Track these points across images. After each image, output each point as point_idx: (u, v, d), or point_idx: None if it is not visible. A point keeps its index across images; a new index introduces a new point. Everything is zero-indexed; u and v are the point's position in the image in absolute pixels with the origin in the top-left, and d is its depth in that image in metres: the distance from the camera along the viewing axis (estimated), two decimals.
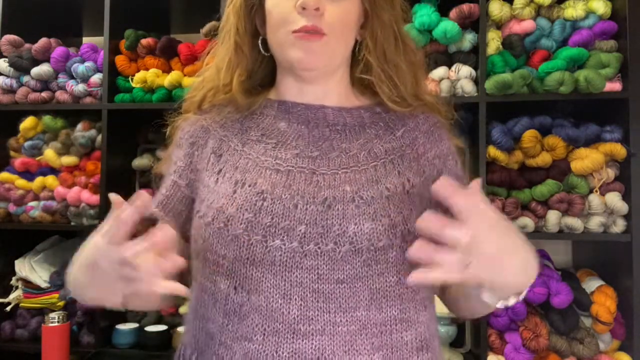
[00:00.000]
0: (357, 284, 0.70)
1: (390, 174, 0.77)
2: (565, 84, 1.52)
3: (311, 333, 0.69)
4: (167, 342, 1.74)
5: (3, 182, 1.89)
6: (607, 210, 1.56)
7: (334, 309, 0.69)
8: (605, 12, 1.57)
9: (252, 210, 0.71)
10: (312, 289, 0.69)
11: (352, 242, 0.70)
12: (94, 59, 1.86)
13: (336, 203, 0.72)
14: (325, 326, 0.69)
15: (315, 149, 0.78)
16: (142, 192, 0.64)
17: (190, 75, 1.79)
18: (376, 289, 0.71)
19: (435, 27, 1.59)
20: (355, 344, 0.69)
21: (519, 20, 1.61)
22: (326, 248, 0.69)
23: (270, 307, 0.69)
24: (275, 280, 0.70)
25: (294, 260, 0.69)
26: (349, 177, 0.75)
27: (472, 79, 1.61)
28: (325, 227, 0.70)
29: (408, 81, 0.82)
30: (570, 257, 1.90)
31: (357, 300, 0.70)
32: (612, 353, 1.57)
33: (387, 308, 0.71)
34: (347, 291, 0.70)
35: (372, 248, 0.70)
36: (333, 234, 0.70)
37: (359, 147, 0.79)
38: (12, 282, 1.88)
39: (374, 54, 0.80)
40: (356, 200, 0.72)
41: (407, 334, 0.72)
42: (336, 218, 0.71)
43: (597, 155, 1.54)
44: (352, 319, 0.70)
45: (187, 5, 1.96)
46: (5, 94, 1.90)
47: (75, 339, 1.78)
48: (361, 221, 0.71)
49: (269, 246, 0.70)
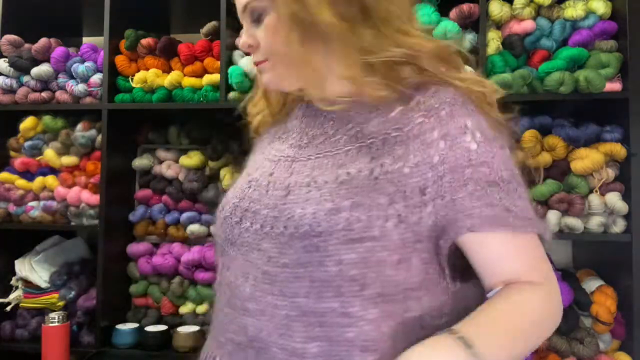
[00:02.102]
0: (299, 270, 0.69)
1: (361, 159, 0.72)
2: (565, 84, 1.52)
3: (255, 312, 0.72)
4: (167, 342, 1.74)
5: (3, 182, 1.89)
6: (607, 210, 1.56)
7: (277, 292, 0.70)
8: (605, 12, 1.57)
9: (239, 196, 0.79)
10: (262, 271, 0.72)
11: (296, 226, 0.69)
12: (94, 59, 1.86)
13: (296, 188, 0.73)
14: (266, 307, 0.71)
15: (306, 138, 0.80)
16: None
17: (190, 76, 1.79)
18: (317, 278, 0.68)
19: (435, 27, 1.59)
20: (291, 330, 0.69)
21: (519, 20, 1.61)
22: (277, 231, 0.71)
23: (234, 284, 0.75)
24: (241, 259, 0.75)
25: (255, 241, 0.73)
26: (318, 163, 0.75)
27: None
28: (281, 211, 0.72)
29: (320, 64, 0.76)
30: (570, 257, 1.90)
31: (298, 287, 0.69)
32: (612, 353, 1.57)
33: (327, 299, 0.68)
34: (289, 276, 0.70)
35: (313, 233, 0.68)
36: (284, 218, 0.71)
37: (344, 132, 0.77)
38: (12, 282, 1.88)
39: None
40: (310, 185, 0.72)
41: (349, 330, 0.68)
42: (291, 203, 0.71)
43: (597, 155, 1.54)
44: (292, 304, 0.69)
45: (187, 5, 1.96)
46: (5, 94, 1.90)
47: (75, 339, 1.78)
48: (307, 205, 0.70)
49: (241, 228, 0.76)
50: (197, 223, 1.84)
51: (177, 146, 1.93)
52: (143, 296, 1.89)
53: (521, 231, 0.71)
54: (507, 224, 0.70)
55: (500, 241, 0.71)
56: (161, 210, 1.89)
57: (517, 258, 0.72)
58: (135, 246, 1.87)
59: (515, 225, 0.70)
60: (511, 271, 0.71)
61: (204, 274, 1.79)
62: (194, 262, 1.80)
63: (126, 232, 1.92)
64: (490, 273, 0.72)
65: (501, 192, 0.70)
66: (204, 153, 1.84)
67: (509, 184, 0.72)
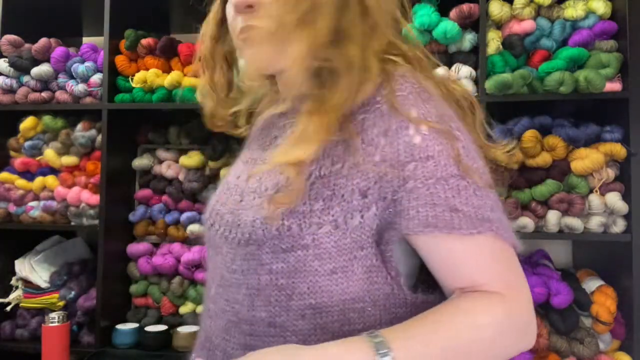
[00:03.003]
0: (239, 277, 0.69)
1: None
2: (565, 84, 1.52)
3: (212, 314, 0.74)
4: (167, 342, 1.74)
5: (3, 182, 1.89)
6: (607, 210, 1.56)
7: (225, 297, 0.71)
8: (605, 12, 1.57)
9: (216, 199, 0.79)
10: (220, 275, 0.73)
11: (242, 234, 0.68)
12: (94, 59, 1.86)
13: (247, 194, 0.71)
14: (218, 311, 0.72)
15: (268, 139, 0.77)
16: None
17: (190, 75, 1.79)
18: (250, 286, 0.68)
19: (435, 27, 1.59)
20: (230, 335, 0.70)
21: (519, 20, 1.61)
22: (231, 236, 0.70)
23: (207, 285, 0.77)
24: (212, 261, 0.76)
25: (219, 245, 0.73)
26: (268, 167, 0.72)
27: (472, 79, 1.61)
28: (235, 216, 0.71)
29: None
30: (570, 257, 1.90)
31: (237, 293, 0.69)
32: (612, 353, 1.57)
33: (257, 308, 0.67)
34: (234, 282, 0.70)
35: (251, 241, 0.67)
36: (236, 224, 0.70)
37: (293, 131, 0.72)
38: (12, 282, 1.88)
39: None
40: (257, 191, 0.69)
41: (275, 339, 0.66)
42: (242, 209, 0.70)
43: (597, 155, 1.54)
44: (233, 310, 0.70)
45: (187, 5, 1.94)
46: (5, 94, 1.90)
47: (75, 339, 1.78)
48: (250, 213, 0.68)
49: (212, 230, 0.75)
50: (197, 223, 1.84)
51: (177, 146, 1.93)
52: (143, 296, 1.89)
53: (471, 233, 0.62)
54: (451, 225, 0.62)
55: (451, 244, 0.63)
56: (161, 210, 1.89)
57: (476, 263, 0.64)
58: (135, 246, 1.87)
59: (463, 227, 0.62)
60: (469, 277, 0.64)
61: (204, 274, 1.79)
62: (194, 262, 1.80)
63: (126, 232, 1.92)
64: (446, 278, 0.66)
65: (448, 190, 0.63)
66: (204, 153, 1.84)
67: (460, 179, 0.64)
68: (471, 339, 0.60)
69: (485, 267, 0.64)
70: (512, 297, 0.63)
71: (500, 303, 0.62)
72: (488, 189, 0.66)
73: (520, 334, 0.64)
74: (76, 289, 1.84)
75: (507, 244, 0.66)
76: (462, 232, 0.62)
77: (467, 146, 0.66)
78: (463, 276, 0.64)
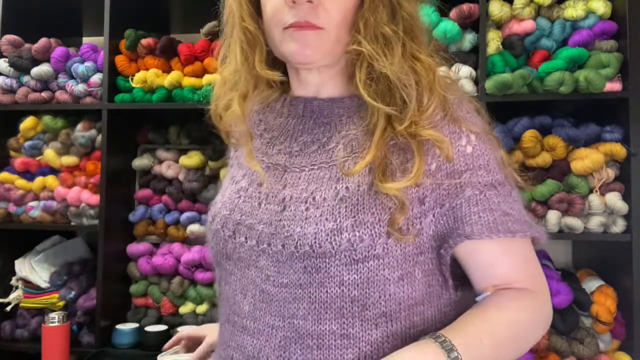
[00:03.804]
0: (297, 290, 0.67)
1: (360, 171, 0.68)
2: (565, 84, 1.52)
3: (254, 331, 0.70)
4: None
5: (3, 182, 1.89)
6: (607, 210, 1.56)
7: (274, 312, 0.69)
8: (605, 12, 1.57)
9: (229, 208, 0.75)
10: (261, 289, 0.70)
11: (297, 246, 0.66)
12: (94, 59, 1.86)
13: (291, 204, 0.69)
14: (264, 328, 0.69)
15: (296, 145, 0.75)
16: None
17: (190, 76, 1.79)
18: (316, 299, 0.66)
19: (435, 27, 1.59)
20: (288, 352, 0.68)
21: (519, 20, 1.61)
22: (275, 249, 0.68)
23: (233, 300, 0.73)
24: (239, 275, 0.73)
25: (252, 258, 0.71)
26: (314, 175, 0.71)
27: (472, 79, 1.61)
28: (277, 227, 0.68)
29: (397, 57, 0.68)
30: (570, 257, 1.90)
31: (296, 308, 0.67)
32: (612, 353, 1.57)
33: (326, 321, 0.66)
34: (288, 296, 0.68)
35: (314, 254, 0.65)
36: (282, 236, 0.68)
37: (338, 140, 0.72)
38: (12, 282, 1.88)
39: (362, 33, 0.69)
40: (308, 202, 0.68)
41: (349, 351, 0.66)
42: (288, 219, 0.68)
43: (597, 155, 1.53)
44: (289, 326, 0.68)
45: (187, 5, 1.95)
46: (5, 94, 1.90)
47: (75, 339, 1.78)
48: (307, 224, 0.66)
49: (236, 242, 0.72)
50: (197, 223, 1.84)
51: (177, 146, 1.93)
52: (143, 296, 1.89)
53: (520, 235, 0.69)
54: (507, 228, 0.68)
55: (497, 246, 0.69)
56: (161, 210, 1.89)
57: (511, 263, 0.70)
58: (135, 246, 1.87)
59: (514, 230, 0.69)
60: (503, 276, 0.70)
61: (204, 274, 1.79)
62: (194, 262, 1.79)
63: (126, 232, 1.92)
64: (482, 277, 0.71)
65: (499, 196, 0.69)
66: (204, 153, 1.84)
67: (504, 187, 0.70)
68: (515, 332, 0.67)
69: (520, 266, 0.71)
70: (541, 294, 0.71)
71: (533, 300, 0.69)
72: (519, 193, 0.73)
73: (546, 324, 0.73)
74: (76, 289, 1.84)
75: (531, 243, 0.73)
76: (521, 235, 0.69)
77: (502, 155, 0.73)
78: (500, 275, 0.70)
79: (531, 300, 0.69)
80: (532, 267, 0.72)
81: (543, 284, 0.72)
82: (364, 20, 0.68)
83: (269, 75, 0.74)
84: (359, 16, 0.69)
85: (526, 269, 0.71)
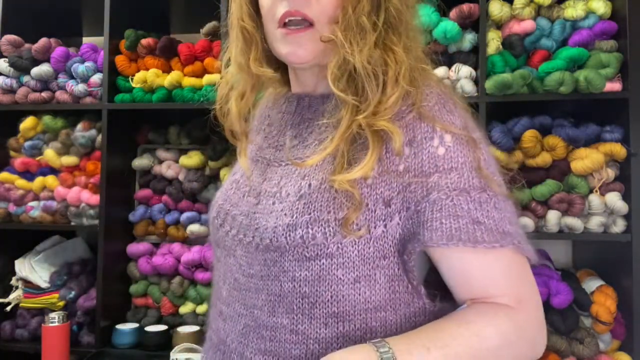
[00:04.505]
0: (259, 282, 0.69)
1: (326, 168, 0.67)
2: (565, 84, 1.52)
3: (226, 316, 0.74)
4: (167, 342, 1.74)
5: (3, 182, 1.89)
6: (607, 210, 1.56)
7: (241, 301, 0.71)
8: (605, 12, 1.57)
9: (223, 198, 0.78)
10: (234, 277, 0.73)
11: (261, 238, 0.68)
12: (94, 59, 1.86)
13: (264, 197, 0.71)
14: (233, 314, 0.72)
15: (282, 139, 0.76)
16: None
17: (190, 76, 1.79)
18: (272, 292, 0.68)
19: (435, 27, 1.59)
20: (247, 339, 0.70)
21: (519, 20, 1.61)
22: (247, 240, 0.70)
23: (217, 285, 0.77)
24: (223, 262, 0.76)
25: (232, 247, 0.73)
26: (288, 170, 0.71)
27: (472, 79, 1.61)
28: (252, 219, 0.70)
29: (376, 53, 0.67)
30: (570, 257, 1.90)
31: (256, 299, 0.69)
32: (612, 353, 1.57)
33: (278, 314, 0.67)
34: (252, 287, 0.70)
35: (272, 247, 0.66)
36: (252, 227, 0.70)
37: (316, 137, 0.72)
38: (12, 282, 1.88)
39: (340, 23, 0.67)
40: (276, 196, 0.69)
41: (296, 347, 0.66)
42: (259, 212, 0.70)
43: (597, 155, 1.53)
44: (250, 315, 0.70)
45: (187, 5, 1.96)
46: (5, 94, 1.90)
47: (75, 339, 1.78)
48: (270, 218, 0.68)
49: (223, 231, 0.75)
50: (197, 223, 1.84)
51: (177, 146, 1.93)
52: (143, 296, 1.89)
53: (494, 247, 0.63)
54: (474, 238, 0.63)
55: (469, 256, 0.64)
56: (161, 210, 1.89)
57: (489, 275, 0.65)
58: (135, 246, 1.87)
59: (484, 240, 0.63)
60: (480, 289, 0.65)
61: (203, 274, 1.79)
62: (194, 262, 1.79)
63: (126, 232, 1.92)
64: (459, 288, 0.67)
65: (471, 202, 0.64)
66: (204, 153, 1.84)
67: (481, 192, 0.64)
68: (474, 348, 0.61)
69: (499, 280, 0.65)
70: (521, 310, 0.64)
71: (506, 315, 0.63)
72: (506, 200, 0.67)
73: (529, 345, 0.65)
74: (76, 289, 1.84)
75: (523, 256, 0.67)
76: (485, 246, 0.63)
77: (487, 157, 0.68)
78: (476, 288, 0.65)
79: (505, 317, 0.63)
80: (515, 282, 0.66)
81: (530, 301, 0.66)
82: (344, 12, 0.67)
83: (261, 73, 0.75)
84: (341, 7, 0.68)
85: (508, 284, 0.65)
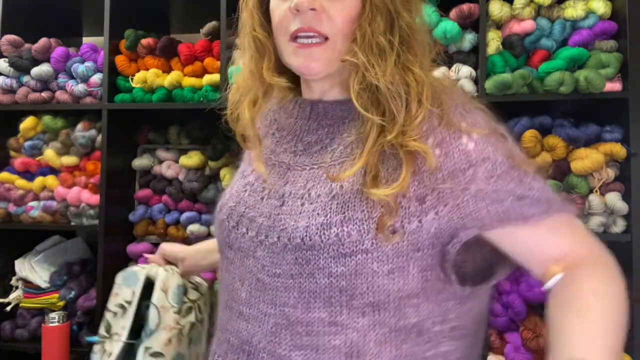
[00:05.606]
0: (288, 280, 0.71)
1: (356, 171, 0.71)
2: (565, 84, 1.52)
3: (248, 317, 0.75)
4: None
5: (3, 182, 1.89)
6: (607, 210, 1.56)
7: (267, 300, 0.73)
8: (605, 12, 1.57)
9: (236, 200, 0.80)
10: (256, 278, 0.74)
11: (290, 238, 0.70)
12: (94, 59, 1.86)
13: (290, 199, 0.73)
14: (258, 314, 0.73)
15: (301, 144, 0.79)
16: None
17: (190, 76, 1.79)
18: (305, 289, 0.70)
19: (435, 27, 1.59)
20: (278, 337, 0.72)
21: (519, 20, 1.61)
22: (271, 241, 0.72)
23: (232, 287, 0.78)
24: (238, 263, 0.77)
25: (250, 248, 0.75)
26: (313, 174, 0.74)
27: (472, 79, 1.61)
28: (275, 220, 0.73)
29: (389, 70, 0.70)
30: None
31: (287, 297, 0.71)
32: None
33: (315, 309, 0.70)
34: (280, 286, 0.71)
35: (304, 246, 0.69)
36: (278, 229, 0.72)
37: (340, 141, 0.75)
38: (12, 282, 1.88)
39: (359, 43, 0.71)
40: (304, 198, 0.72)
41: (336, 337, 0.70)
42: (285, 214, 0.72)
43: (597, 155, 1.53)
44: (280, 313, 0.72)
45: (187, 5, 1.96)
46: (5, 94, 1.90)
47: (75, 339, 1.78)
48: (299, 218, 0.71)
49: (238, 233, 0.77)
50: (197, 223, 1.84)
51: (177, 146, 1.93)
52: None
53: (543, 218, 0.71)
54: (521, 215, 0.70)
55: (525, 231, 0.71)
56: (161, 210, 1.89)
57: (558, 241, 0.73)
58: (135, 246, 1.87)
59: (534, 214, 0.70)
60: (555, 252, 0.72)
61: (204, 274, 1.79)
62: None
63: (126, 232, 1.92)
64: (535, 263, 0.73)
65: (511, 182, 0.69)
66: (204, 153, 1.84)
67: (517, 170, 0.70)
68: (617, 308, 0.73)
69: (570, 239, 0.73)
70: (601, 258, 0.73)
71: (603, 271, 0.73)
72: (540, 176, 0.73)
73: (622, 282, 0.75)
74: (76, 289, 1.84)
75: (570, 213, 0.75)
76: (535, 219, 0.71)
77: (513, 145, 0.73)
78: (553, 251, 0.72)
79: (606, 272, 0.72)
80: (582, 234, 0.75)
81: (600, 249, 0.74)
82: (362, 31, 0.70)
83: (275, 82, 0.78)
84: (357, 26, 0.71)
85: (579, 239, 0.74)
